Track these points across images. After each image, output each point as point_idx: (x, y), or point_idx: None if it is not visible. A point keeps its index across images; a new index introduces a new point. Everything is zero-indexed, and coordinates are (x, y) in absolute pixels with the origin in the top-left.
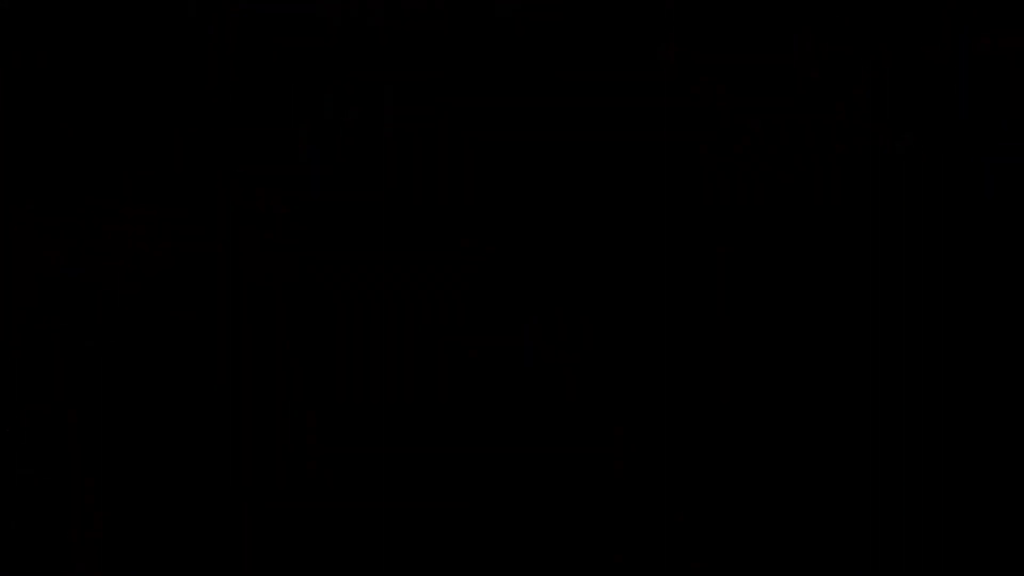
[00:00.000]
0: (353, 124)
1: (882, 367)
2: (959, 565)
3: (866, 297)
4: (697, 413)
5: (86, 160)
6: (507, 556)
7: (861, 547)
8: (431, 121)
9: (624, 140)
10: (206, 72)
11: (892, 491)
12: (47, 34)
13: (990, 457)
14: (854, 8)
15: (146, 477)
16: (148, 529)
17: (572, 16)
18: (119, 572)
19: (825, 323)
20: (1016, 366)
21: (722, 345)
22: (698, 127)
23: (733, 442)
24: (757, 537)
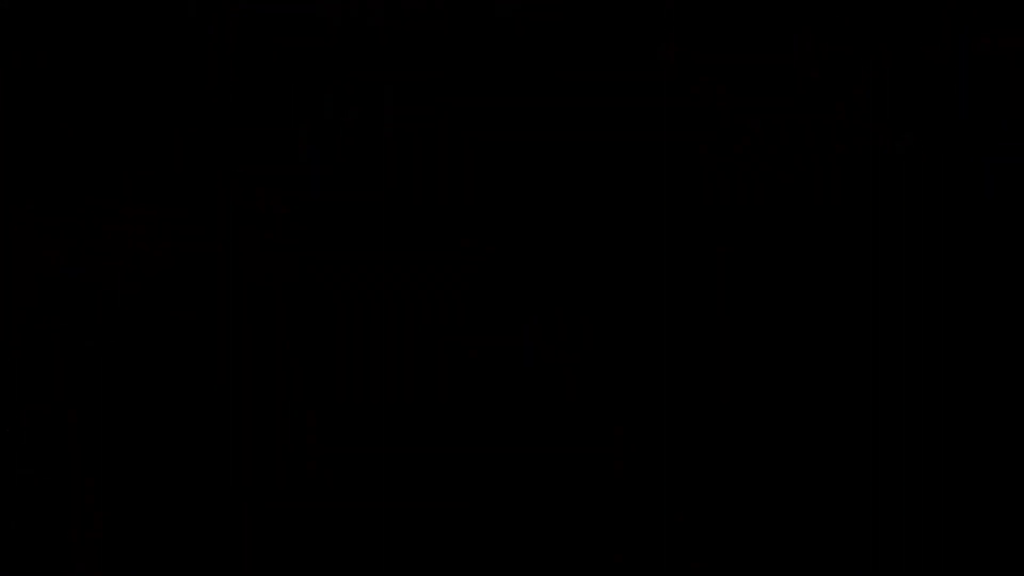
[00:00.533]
0: (353, 124)
1: (882, 367)
2: (959, 565)
3: (866, 297)
4: (697, 413)
5: (86, 160)
6: (507, 556)
7: (861, 547)
8: (431, 121)
9: (624, 140)
10: (206, 72)
11: (892, 491)
12: (47, 34)
13: (990, 457)
14: (854, 8)
15: (146, 477)
16: (148, 529)
17: (572, 16)
18: (119, 572)
19: (825, 323)
20: (1016, 366)
21: (722, 345)
22: (698, 127)
23: (733, 442)
24: (757, 537)
